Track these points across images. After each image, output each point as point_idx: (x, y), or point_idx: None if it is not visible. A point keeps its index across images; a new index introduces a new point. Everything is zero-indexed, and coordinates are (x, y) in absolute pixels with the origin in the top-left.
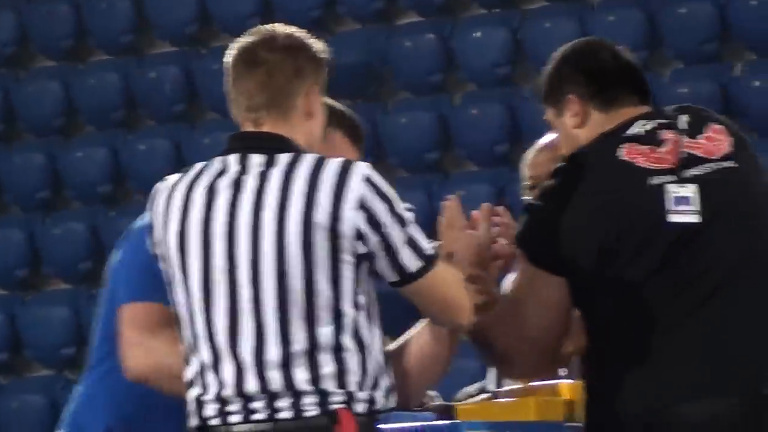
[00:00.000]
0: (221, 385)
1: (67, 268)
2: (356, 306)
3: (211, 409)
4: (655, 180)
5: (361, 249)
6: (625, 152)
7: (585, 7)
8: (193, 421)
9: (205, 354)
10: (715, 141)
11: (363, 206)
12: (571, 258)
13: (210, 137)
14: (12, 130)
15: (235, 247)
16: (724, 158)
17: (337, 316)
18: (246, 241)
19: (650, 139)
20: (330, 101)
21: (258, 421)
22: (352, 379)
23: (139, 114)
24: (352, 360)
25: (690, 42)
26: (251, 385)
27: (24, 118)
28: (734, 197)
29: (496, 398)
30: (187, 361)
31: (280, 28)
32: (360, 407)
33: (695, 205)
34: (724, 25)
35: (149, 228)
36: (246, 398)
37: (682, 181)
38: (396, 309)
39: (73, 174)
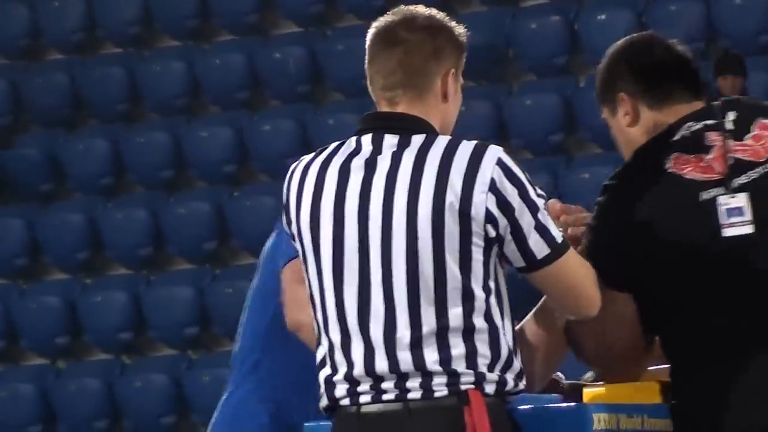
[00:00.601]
0: (351, 365)
1: (194, 249)
2: (486, 288)
3: (341, 390)
4: (705, 195)
5: (492, 232)
6: (672, 163)
7: None
8: (323, 402)
9: (335, 334)
10: (762, 140)
11: (494, 189)
12: (632, 279)
13: (334, 118)
14: (137, 110)
15: (366, 228)
16: None
17: (468, 299)
18: (377, 223)
19: (697, 144)
20: None
21: (388, 401)
22: (482, 360)
23: (263, 95)
24: (482, 342)
25: (745, 32)
26: (381, 365)
27: (149, 97)
28: None
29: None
30: (318, 342)
31: (421, 9)
32: (490, 388)
33: (748, 215)
34: None
35: (284, 207)
36: (376, 378)
37: (732, 191)
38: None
39: (196, 154)
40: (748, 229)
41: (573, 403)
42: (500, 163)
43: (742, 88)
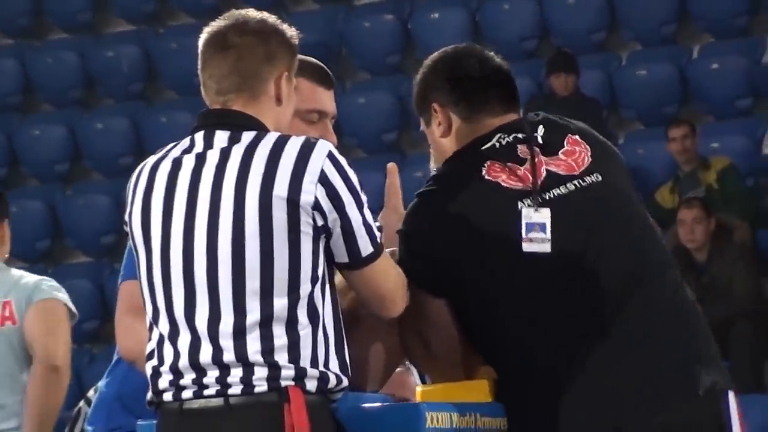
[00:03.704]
0: (177, 355)
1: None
2: (313, 280)
3: (164, 382)
4: (520, 204)
5: (319, 221)
6: (487, 171)
7: None
8: (149, 395)
9: (164, 327)
10: (575, 155)
11: (324, 181)
12: (445, 285)
13: (167, 116)
14: None
15: (193, 220)
16: (587, 172)
17: (293, 290)
18: (204, 215)
19: (510, 156)
20: None
21: (209, 396)
22: (305, 354)
23: (96, 93)
24: (305, 334)
25: (649, 24)
26: (205, 355)
27: None
28: (600, 215)
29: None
30: (149, 336)
31: (253, 12)
32: (311, 385)
33: (548, 233)
34: (683, 8)
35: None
36: (199, 370)
37: (543, 203)
38: None
39: (29, 152)
40: (546, 248)
41: (406, 402)
42: (330, 156)
43: (575, 87)
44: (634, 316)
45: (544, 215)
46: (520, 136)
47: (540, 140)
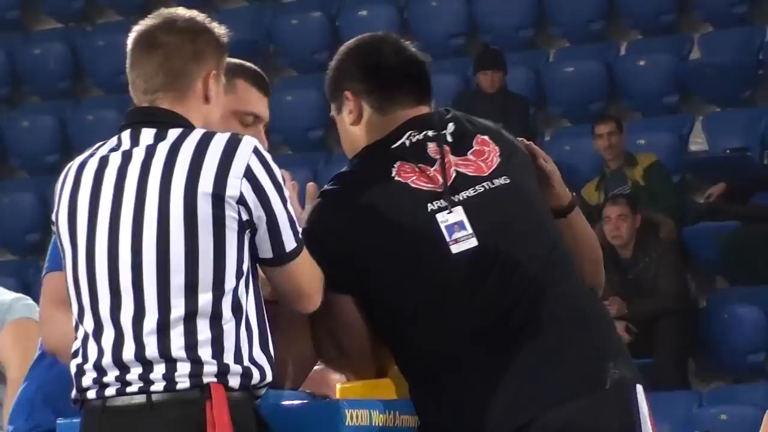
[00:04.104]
0: (101, 352)
1: None
2: (239, 275)
3: (88, 379)
4: (431, 206)
5: (244, 216)
6: (397, 171)
7: None
8: (73, 393)
9: (88, 324)
10: (484, 156)
11: (249, 176)
12: (355, 285)
13: (94, 114)
14: None
15: (118, 217)
16: (496, 174)
17: (218, 284)
18: (129, 211)
19: (420, 155)
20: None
21: (132, 394)
22: (228, 348)
23: (23, 91)
24: (229, 330)
25: (577, 21)
26: (128, 352)
27: None
28: (509, 217)
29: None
30: (75, 335)
31: (182, 11)
32: (234, 381)
33: (469, 229)
34: (610, 4)
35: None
36: (122, 367)
37: (455, 204)
38: None
39: None
40: (473, 242)
41: (326, 400)
42: (256, 152)
43: (502, 84)
44: (545, 314)
45: (459, 213)
46: (430, 133)
47: (449, 138)
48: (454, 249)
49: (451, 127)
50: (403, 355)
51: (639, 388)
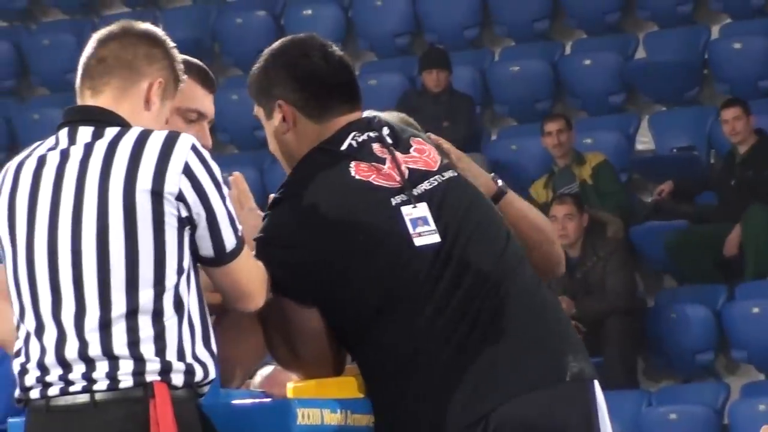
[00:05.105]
0: (43, 351)
1: None
2: (179, 271)
3: (31, 378)
4: (394, 201)
5: (183, 212)
6: (355, 171)
7: None
8: (17, 393)
9: (30, 323)
10: (426, 153)
11: (188, 173)
12: (316, 291)
13: (39, 113)
14: None
15: (57, 215)
16: (442, 169)
17: (159, 281)
18: (68, 209)
19: (369, 154)
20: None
21: (75, 393)
22: (170, 345)
23: None
24: (171, 326)
25: (521, 20)
26: (71, 350)
27: None
28: (464, 209)
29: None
30: (17, 334)
31: (146, 24)
32: (177, 379)
33: (432, 225)
34: (555, 4)
35: None
36: (65, 366)
37: (415, 199)
38: None
39: None
40: (436, 238)
41: (277, 398)
42: (194, 149)
43: (447, 83)
44: (504, 308)
45: (422, 209)
46: (372, 134)
47: (389, 140)
48: (417, 242)
49: (386, 129)
50: (364, 353)
51: (596, 384)
